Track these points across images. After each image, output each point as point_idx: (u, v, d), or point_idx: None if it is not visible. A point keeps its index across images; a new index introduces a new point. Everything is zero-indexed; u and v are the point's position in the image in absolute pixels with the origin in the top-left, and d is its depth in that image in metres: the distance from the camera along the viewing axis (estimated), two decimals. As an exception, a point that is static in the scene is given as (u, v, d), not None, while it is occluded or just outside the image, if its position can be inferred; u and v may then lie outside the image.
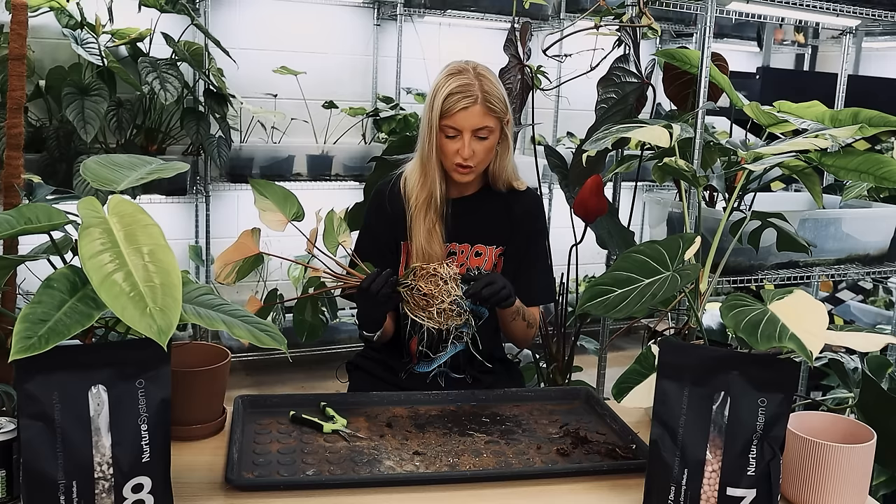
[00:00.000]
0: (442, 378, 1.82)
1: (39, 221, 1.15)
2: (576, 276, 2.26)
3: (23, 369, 1.02)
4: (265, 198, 1.66)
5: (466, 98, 1.66)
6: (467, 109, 1.67)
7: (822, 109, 2.01)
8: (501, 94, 1.72)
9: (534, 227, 1.87)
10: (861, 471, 1.25)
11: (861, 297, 3.79)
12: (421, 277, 1.57)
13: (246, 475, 1.27)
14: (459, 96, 1.67)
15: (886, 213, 2.33)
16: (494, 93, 1.70)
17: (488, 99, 1.68)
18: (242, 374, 3.79)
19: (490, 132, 1.70)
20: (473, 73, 1.70)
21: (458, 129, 1.68)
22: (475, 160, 1.71)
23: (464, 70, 1.70)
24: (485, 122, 1.68)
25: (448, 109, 1.67)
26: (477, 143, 1.70)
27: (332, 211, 1.69)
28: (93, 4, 3.09)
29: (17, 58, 1.44)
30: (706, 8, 2.01)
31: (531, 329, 1.85)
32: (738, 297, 1.28)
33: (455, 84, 1.67)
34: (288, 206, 1.66)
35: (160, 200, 3.39)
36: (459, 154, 1.70)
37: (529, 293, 1.83)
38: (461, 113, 1.67)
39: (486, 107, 1.68)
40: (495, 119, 1.70)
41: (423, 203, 1.75)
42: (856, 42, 4.07)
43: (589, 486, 1.32)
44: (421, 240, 1.75)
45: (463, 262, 1.81)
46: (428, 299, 1.55)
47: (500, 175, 1.81)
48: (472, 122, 1.68)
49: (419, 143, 1.77)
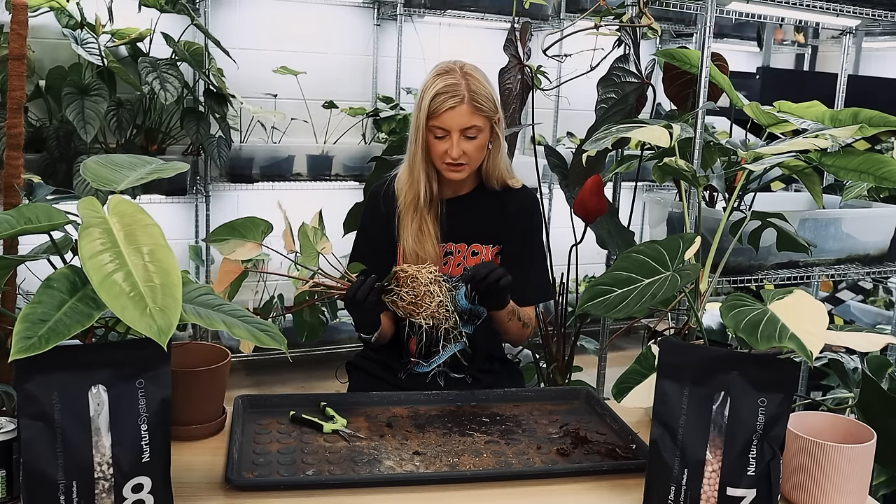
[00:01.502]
0: (441, 378, 1.82)
1: (39, 221, 1.15)
2: (576, 276, 2.26)
3: (23, 369, 1.02)
4: (227, 241, 1.59)
5: (453, 98, 1.67)
6: (454, 109, 1.67)
7: (822, 109, 2.01)
8: (489, 92, 1.72)
9: (529, 225, 1.87)
10: (861, 471, 1.25)
11: (861, 297, 3.79)
12: (402, 283, 1.56)
13: (246, 475, 1.27)
14: (446, 96, 1.67)
15: (886, 213, 2.33)
16: (482, 92, 1.70)
17: (475, 98, 1.68)
18: (242, 374, 3.79)
19: (479, 131, 1.71)
20: (460, 73, 1.70)
21: (446, 128, 1.69)
22: (466, 158, 1.71)
23: (451, 70, 1.70)
24: (472, 121, 1.69)
25: (435, 110, 1.68)
26: (466, 142, 1.70)
27: (303, 224, 1.63)
28: (93, 4, 3.09)
29: (17, 58, 1.44)
30: (706, 8, 2.01)
31: (527, 329, 1.85)
32: (738, 297, 1.28)
33: (441, 84, 1.68)
34: (251, 230, 1.60)
35: (160, 200, 3.39)
36: (448, 154, 1.70)
37: (525, 292, 1.83)
38: (448, 113, 1.67)
39: (473, 106, 1.68)
40: (483, 118, 1.70)
41: (411, 203, 1.76)
42: (856, 42, 4.07)
43: (589, 486, 1.32)
44: (409, 240, 1.75)
45: (460, 262, 1.81)
46: (414, 304, 1.55)
47: (493, 173, 1.81)
48: (459, 122, 1.68)
49: (408, 143, 1.77)
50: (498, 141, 1.77)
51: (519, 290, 1.78)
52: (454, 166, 1.72)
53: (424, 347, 1.80)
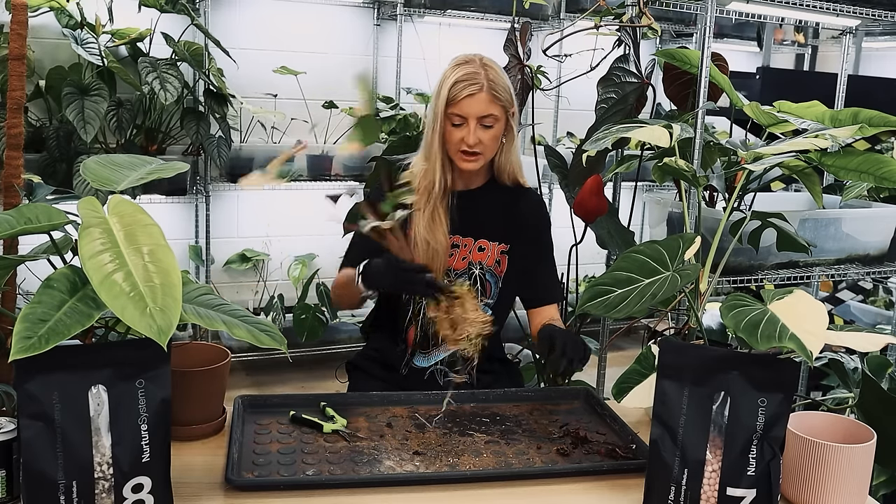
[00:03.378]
0: (440, 376, 1.82)
1: (39, 221, 1.15)
2: (576, 276, 2.26)
3: (23, 369, 1.02)
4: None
5: (472, 85, 1.70)
6: (473, 96, 1.70)
7: (822, 109, 2.01)
8: (507, 84, 1.76)
9: (541, 224, 1.91)
10: (861, 471, 1.25)
11: (861, 297, 3.79)
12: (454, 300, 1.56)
13: (246, 475, 1.27)
14: (465, 83, 1.70)
15: (886, 213, 2.33)
16: (500, 82, 1.73)
17: (493, 87, 1.71)
18: (242, 374, 3.79)
19: (495, 120, 1.73)
20: (479, 63, 1.74)
21: (464, 115, 1.71)
22: (481, 147, 1.74)
23: (470, 60, 1.74)
24: (490, 109, 1.71)
25: (454, 97, 1.70)
26: (482, 130, 1.72)
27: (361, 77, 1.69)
28: (93, 4, 3.09)
29: (17, 58, 1.44)
30: (706, 8, 2.01)
31: None
32: (738, 297, 1.28)
33: (461, 73, 1.71)
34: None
35: (160, 200, 3.39)
36: (465, 141, 1.72)
37: (550, 291, 1.88)
38: (467, 100, 1.70)
39: (491, 94, 1.71)
40: (500, 108, 1.73)
41: (425, 191, 1.77)
42: (856, 42, 4.07)
43: (589, 486, 1.32)
44: (422, 228, 1.76)
45: (465, 256, 1.82)
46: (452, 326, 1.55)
47: (506, 167, 1.84)
48: (477, 109, 1.70)
49: (425, 132, 1.80)
50: (511, 134, 1.80)
51: (542, 290, 1.86)
52: (469, 155, 1.74)
53: (421, 337, 1.81)
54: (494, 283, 1.83)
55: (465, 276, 1.81)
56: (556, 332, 1.61)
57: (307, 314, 3.63)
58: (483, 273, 1.82)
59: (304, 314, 3.63)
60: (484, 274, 1.82)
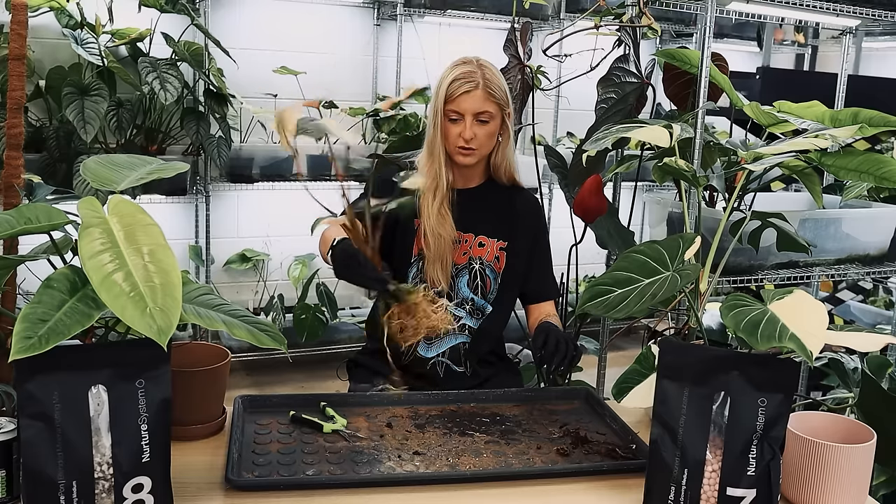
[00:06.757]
0: (441, 367, 1.84)
1: (39, 221, 1.15)
2: (576, 276, 2.26)
3: (23, 369, 1.02)
4: None
5: (468, 83, 1.77)
6: (469, 94, 1.76)
7: (822, 109, 2.01)
8: (502, 84, 1.82)
9: (538, 223, 1.95)
10: (861, 471, 1.25)
11: (861, 297, 3.79)
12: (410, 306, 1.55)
13: (246, 475, 1.27)
14: (462, 81, 1.77)
15: (886, 213, 2.33)
16: (495, 81, 1.80)
17: (489, 86, 1.78)
18: (242, 374, 3.79)
19: (491, 117, 1.79)
20: (476, 63, 1.81)
21: (461, 112, 1.77)
22: (477, 143, 1.79)
23: (467, 61, 1.82)
24: (485, 106, 1.77)
25: (451, 94, 1.77)
26: (478, 126, 1.78)
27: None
28: (93, 4, 3.09)
29: (17, 58, 1.44)
30: (706, 8, 2.01)
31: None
32: (738, 297, 1.28)
33: (458, 72, 1.79)
34: None
35: (160, 200, 3.38)
36: (461, 136, 1.78)
37: (546, 287, 1.95)
38: (463, 97, 1.76)
39: (486, 92, 1.77)
40: (495, 105, 1.79)
41: (431, 186, 1.81)
42: (856, 42, 4.07)
43: (589, 486, 1.32)
44: (432, 219, 1.80)
45: (466, 252, 1.86)
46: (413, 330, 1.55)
47: (502, 165, 1.89)
48: (473, 106, 1.76)
49: (427, 130, 1.85)
50: (507, 133, 1.85)
51: (538, 287, 1.94)
52: (465, 150, 1.79)
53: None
54: (494, 279, 1.87)
55: (466, 270, 1.85)
56: (551, 330, 1.69)
57: (307, 314, 3.63)
58: (483, 268, 1.86)
59: (304, 314, 3.63)
60: (484, 269, 1.86)
